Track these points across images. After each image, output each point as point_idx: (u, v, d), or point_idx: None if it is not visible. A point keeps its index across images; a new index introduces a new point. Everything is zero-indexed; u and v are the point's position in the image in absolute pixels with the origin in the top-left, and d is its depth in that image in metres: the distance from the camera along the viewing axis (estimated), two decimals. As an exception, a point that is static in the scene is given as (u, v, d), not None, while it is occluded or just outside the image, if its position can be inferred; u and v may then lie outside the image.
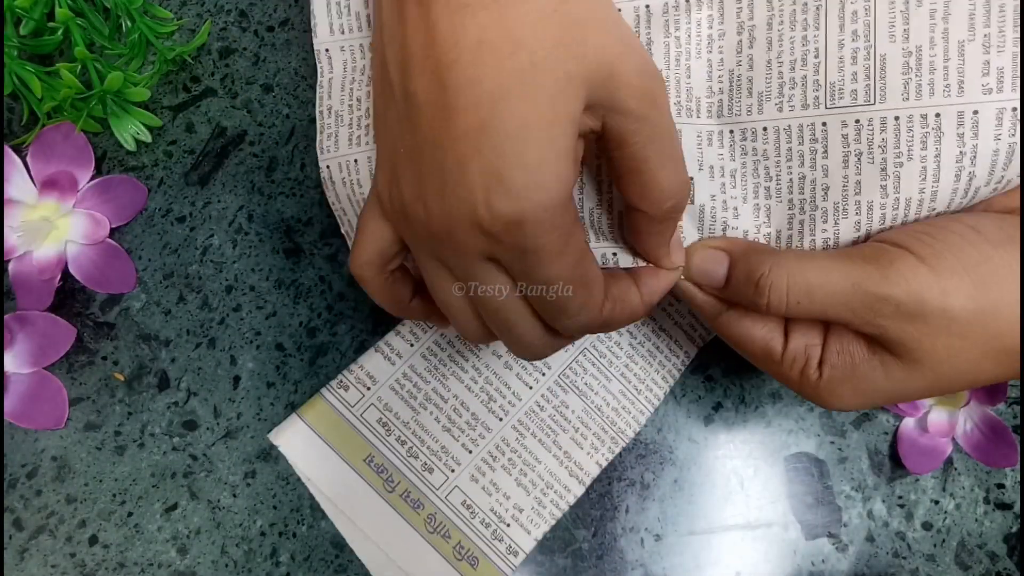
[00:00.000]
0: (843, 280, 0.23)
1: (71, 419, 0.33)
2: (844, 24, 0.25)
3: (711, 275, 0.26)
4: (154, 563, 0.32)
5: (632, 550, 0.33)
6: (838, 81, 0.25)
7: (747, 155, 0.26)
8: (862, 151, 0.25)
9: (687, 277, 0.26)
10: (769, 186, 0.26)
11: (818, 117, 0.25)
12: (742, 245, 0.26)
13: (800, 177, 0.26)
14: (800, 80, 0.25)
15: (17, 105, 0.34)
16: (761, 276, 0.24)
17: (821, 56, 0.25)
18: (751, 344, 0.26)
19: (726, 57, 0.26)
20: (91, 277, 0.33)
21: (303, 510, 0.32)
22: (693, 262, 0.26)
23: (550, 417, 0.32)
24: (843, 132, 0.25)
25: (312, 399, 0.32)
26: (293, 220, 0.34)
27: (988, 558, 0.33)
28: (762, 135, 0.26)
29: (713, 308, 0.27)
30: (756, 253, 0.25)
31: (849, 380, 0.24)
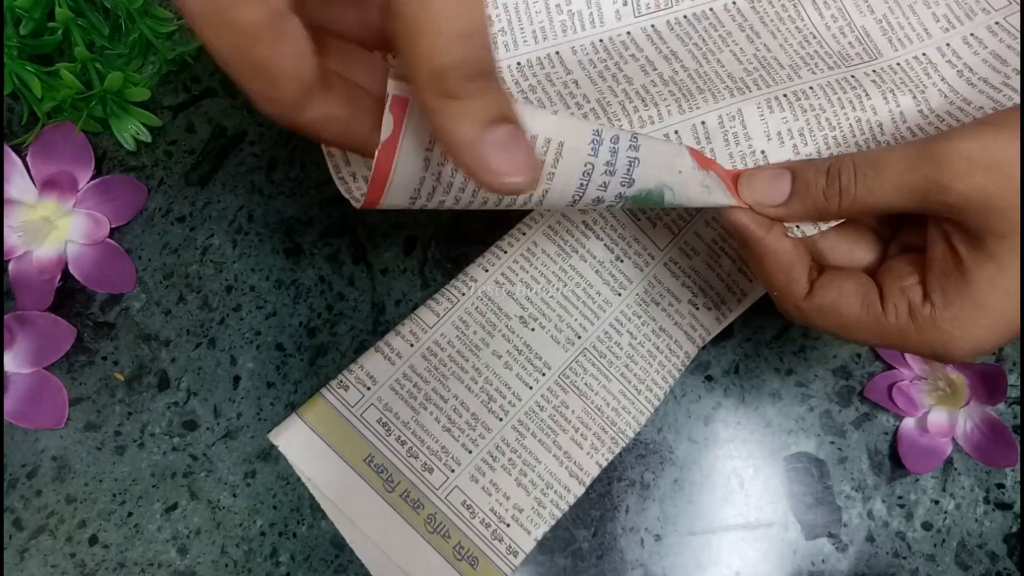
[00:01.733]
0: (906, 153, 0.23)
1: (71, 419, 0.33)
2: (821, 12, 0.32)
3: (776, 191, 0.25)
4: (154, 563, 0.32)
5: (632, 550, 0.33)
6: (842, 49, 0.31)
7: (807, 112, 0.29)
8: (893, 87, 0.30)
9: (750, 202, 0.25)
10: (835, 135, 0.28)
11: (846, 72, 0.30)
12: (797, 161, 0.27)
13: (856, 120, 0.29)
14: (813, 54, 0.31)
15: (17, 105, 0.34)
16: (831, 164, 0.24)
17: (818, 36, 0.31)
18: (849, 307, 0.24)
19: (743, 47, 0.31)
20: (91, 277, 0.33)
21: (303, 510, 0.32)
22: (755, 183, 0.25)
23: (550, 417, 0.32)
24: (872, 79, 0.30)
25: (312, 399, 0.32)
26: (293, 220, 0.34)
27: (988, 558, 0.33)
28: (811, 93, 0.29)
29: (804, 286, 0.25)
30: (814, 160, 0.26)
31: (970, 301, 0.22)
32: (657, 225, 0.34)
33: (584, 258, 0.33)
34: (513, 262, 0.33)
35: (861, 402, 0.34)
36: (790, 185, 0.25)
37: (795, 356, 0.35)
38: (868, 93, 0.29)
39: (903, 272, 0.24)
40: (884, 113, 0.29)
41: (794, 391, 0.34)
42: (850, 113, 0.29)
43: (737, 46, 0.31)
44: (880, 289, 0.24)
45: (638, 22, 0.31)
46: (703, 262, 0.34)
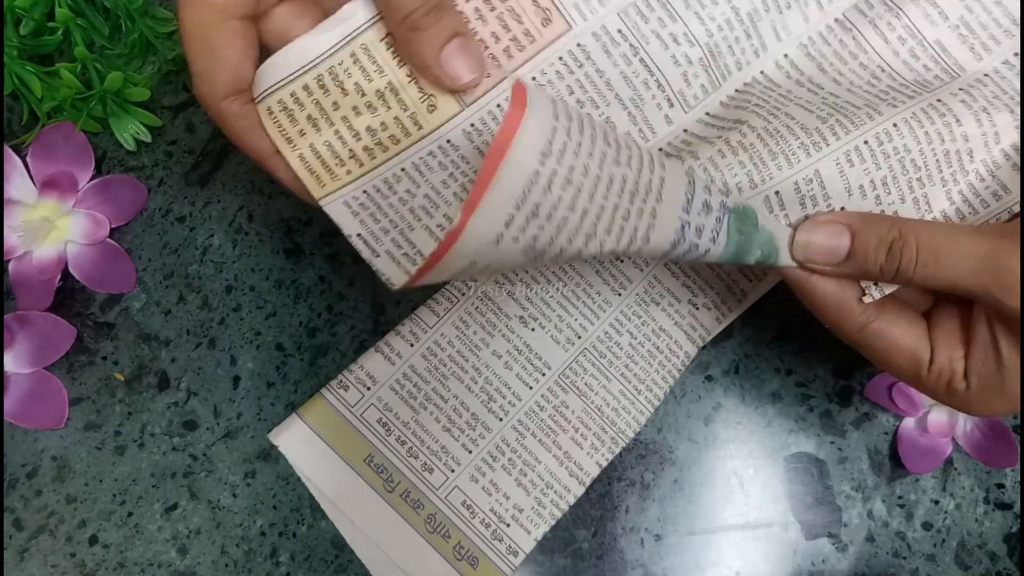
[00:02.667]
0: (974, 249, 0.23)
1: (71, 419, 0.33)
2: (886, 36, 0.28)
3: (835, 250, 0.25)
4: (154, 563, 0.32)
5: (632, 550, 0.33)
6: (918, 76, 0.28)
7: (890, 157, 0.27)
8: (986, 104, 0.27)
9: (806, 259, 0.25)
10: (919, 175, 0.27)
11: (930, 97, 0.27)
12: (858, 214, 0.26)
13: (945, 153, 0.26)
14: (888, 89, 0.28)
15: (17, 105, 0.34)
16: (894, 238, 0.24)
17: (887, 68, 0.28)
18: (897, 356, 0.25)
19: (809, 99, 0.28)
20: (91, 277, 0.33)
21: (303, 510, 0.32)
22: (814, 238, 0.25)
23: (550, 417, 0.32)
24: (961, 99, 0.27)
25: (312, 399, 0.32)
26: (293, 220, 0.34)
27: (988, 558, 0.33)
28: (896, 132, 0.27)
29: (858, 319, 0.25)
30: (877, 218, 0.25)
31: (996, 389, 0.24)
32: (657, 225, 0.34)
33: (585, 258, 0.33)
34: (513, 262, 0.33)
35: (861, 402, 0.34)
36: (848, 245, 0.25)
37: (795, 356, 0.35)
38: (960, 118, 0.26)
39: (953, 342, 0.25)
40: (977, 138, 0.26)
41: (794, 391, 0.34)
42: (938, 147, 0.26)
43: (802, 99, 0.28)
44: (932, 349, 0.25)
45: (691, 116, 0.29)
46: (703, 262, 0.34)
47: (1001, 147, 0.26)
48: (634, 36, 0.27)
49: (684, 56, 0.28)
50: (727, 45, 0.28)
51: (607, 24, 0.27)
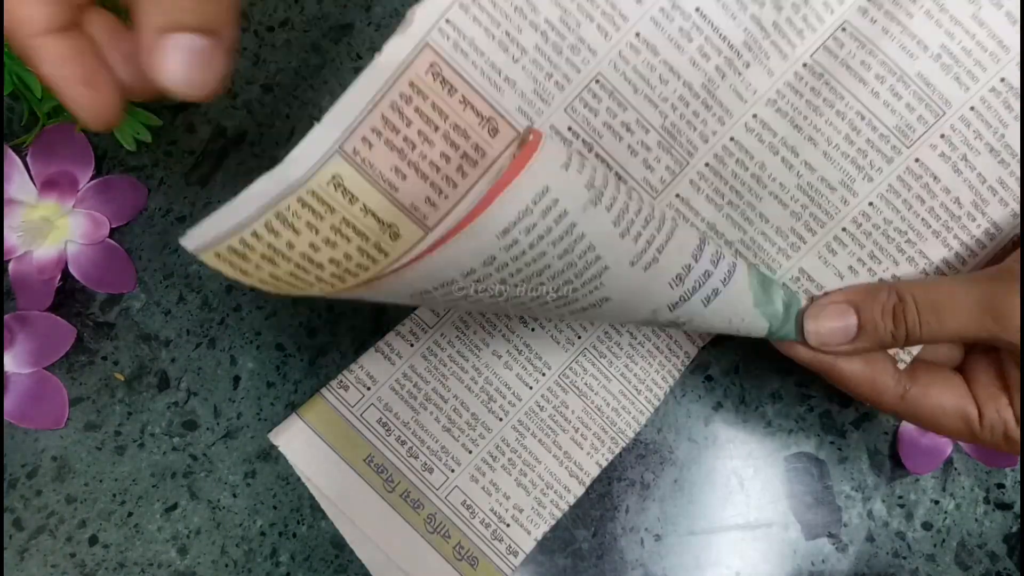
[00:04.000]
0: (970, 298, 0.24)
1: (71, 419, 0.33)
2: (863, 77, 0.26)
3: (845, 331, 0.25)
4: (154, 563, 0.32)
5: (632, 550, 0.33)
6: (899, 121, 0.26)
7: (872, 234, 0.27)
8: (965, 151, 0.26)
9: (820, 344, 0.26)
10: (908, 237, 0.27)
11: (908, 156, 0.26)
12: (853, 289, 0.26)
13: (929, 210, 0.27)
14: (866, 146, 0.26)
15: (17, 105, 0.34)
16: (895, 305, 0.24)
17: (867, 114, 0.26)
18: (946, 417, 0.26)
19: (783, 179, 0.27)
20: (91, 277, 0.33)
21: (303, 510, 0.32)
22: (823, 325, 0.25)
23: (550, 417, 0.32)
24: (940, 152, 0.26)
25: (312, 399, 0.32)
26: (293, 220, 0.34)
27: (988, 558, 0.33)
28: (873, 211, 0.27)
29: (895, 390, 0.26)
30: (876, 288, 0.25)
31: None
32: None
33: (584, 258, 0.33)
34: (513, 262, 0.33)
35: (861, 402, 0.34)
36: (856, 322, 0.25)
37: (795, 356, 0.35)
38: (937, 175, 0.26)
39: (994, 390, 0.26)
40: (959, 186, 0.26)
41: (794, 391, 0.34)
42: (920, 208, 0.26)
43: (775, 182, 0.27)
44: (977, 404, 0.26)
45: (660, 201, 0.27)
46: None
47: (988, 185, 0.26)
48: (585, 132, 0.26)
49: (640, 143, 0.26)
50: (686, 122, 0.26)
51: (555, 123, 0.25)
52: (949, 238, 0.27)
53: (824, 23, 0.25)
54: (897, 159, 0.26)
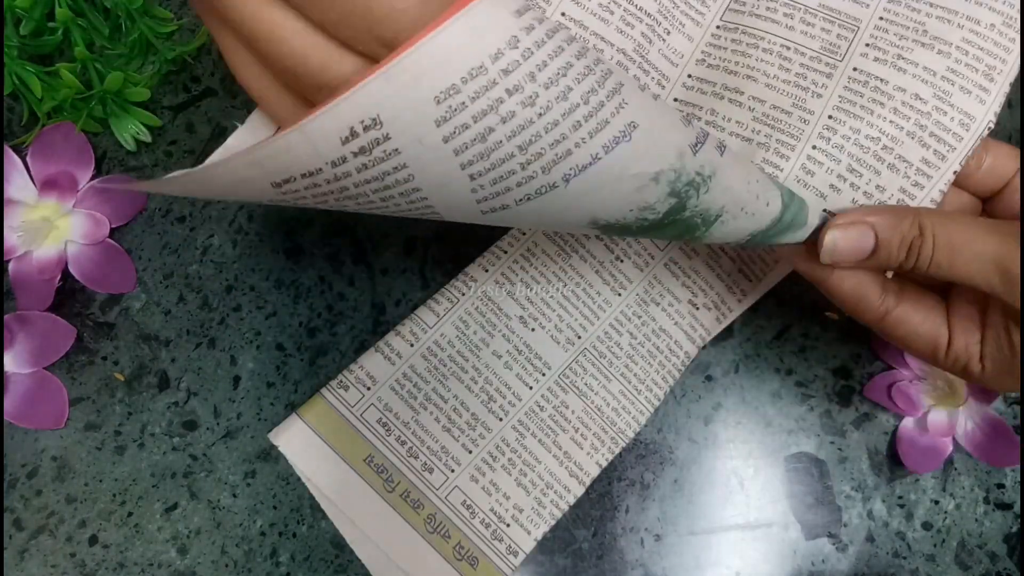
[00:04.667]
0: (986, 249, 0.24)
1: (71, 419, 0.33)
2: (774, 17, 0.28)
3: (860, 251, 0.25)
4: (154, 563, 0.32)
5: (632, 550, 0.33)
6: (823, 43, 0.28)
7: (843, 147, 0.27)
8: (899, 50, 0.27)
9: (833, 260, 0.26)
10: (884, 142, 0.27)
11: (845, 68, 0.28)
12: (880, 210, 0.26)
13: (893, 110, 0.27)
14: (802, 70, 0.28)
15: (17, 105, 0.34)
16: (915, 237, 0.25)
17: (791, 44, 0.28)
18: (917, 341, 0.27)
19: (739, 118, 0.28)
20: (91, 277, 0.33)
21: (303, 510, 0.32)
22: (840, 242, 0.25)
23: (550, 417, 0.32)
24: (875, 57, 0.28)
25: (312, 399, 0.32)
26: (293, 220, 0.34)
27: (988, 558, 0.33)
28: (836, 124, 0.27)
29: (878, 310, 0.26)
30: (900, 214, 0.25)
31: (1009, 371, 0.26)
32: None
33: (584, 258, 0.33)
34: (513, 262, 0.33)
35: (861, 402, 0.34)
36: (873, 244, 0.25)
37: (795, 356, 0.35)
38: (884, 78, 0.27)
39: (970, 324, 0.26)
40: (912, 83, 0.27)
41: (794, 391, 0.34)
42: (882, 111, 0.27)
43: (731, 121, 0.28)
44: (950, 334, 0.27)
45: None
46: (703, 262, 0.34)
47: (940, 75, 0.27)
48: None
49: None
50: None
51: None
52: (925, 136, 0.27)
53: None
54: (835, 73, 0.28)
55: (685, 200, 0.22)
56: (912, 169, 0.27)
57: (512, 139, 0.18)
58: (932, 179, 0.27)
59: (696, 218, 0.23)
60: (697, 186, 0.22)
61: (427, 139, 0.18)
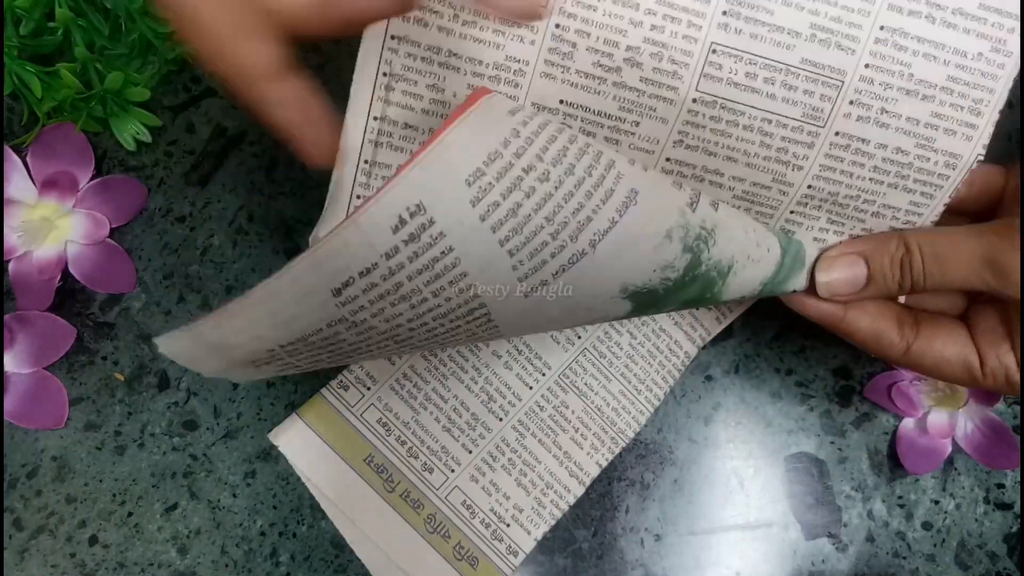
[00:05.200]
0: (973, 251, 0.24)
1: (71, 419, 0.33)
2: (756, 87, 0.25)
3: (855, 281, 0.26)
4: (154, 563, 0.32)
5: (632, 550, 0.33)
6: (806, 109, 0.26)
7: (822, 207, 0.27)
8: (883, 104, 0.26)
9: (831, 295, 0.27)
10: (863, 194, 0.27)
11: (827, 135, 0.26)
12: (864, 239, 0.27)
13: (873, 168, 0.27)
14: (784, 143, 0.26)
15: (17, 105, 0.34)
16: (903, 256, 0.25)
17: (773, 117, 0.26)
18: (948, 367, 0.27)
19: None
20: (91, 277, 0.33)
21: (303, 510, 0.32)
22: (834, 275, 0.26)
23: (550, 417, 0.32)
24: (857, 116, 0.26)
25: (312, 399, 0.32)
26: (293, 220, 0.34)
27: (988, 558, 0.33)
28: (814, 193, 0.27)
29: (899, 344, 0.27)
30: (885, 238, 0.26)
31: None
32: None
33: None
34: (513, 262, 0.33)
35: (861, 402, 0.34)
36: (866, 272, 0.26)
37: (795, 356, 0.35)
38: (865, 138, 0.26)
39: (996, 336, 0.26)
40: (896, 136, 0.26)
41: (794, 391, 0.34)
42: (861, 172, 0.26)
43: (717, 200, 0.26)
44: (979, 352, 0.26)
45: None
46: None
47: (924, 123, 0.26)
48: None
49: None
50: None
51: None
52: (908, 183, 0.27)
53: (692, 55, 0.25)
54: (817, 141, 0.26)
55: (699, 254, 0.23)
56: (900, 212, 0.27)
57: (538, 211, 0.20)
58: (922, 216, 0.27)
59: (712, 272, 0.24)
60: (705, 239, 0.24)
61: (466, 220, 0.19)
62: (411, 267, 0.20)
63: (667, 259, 0.23)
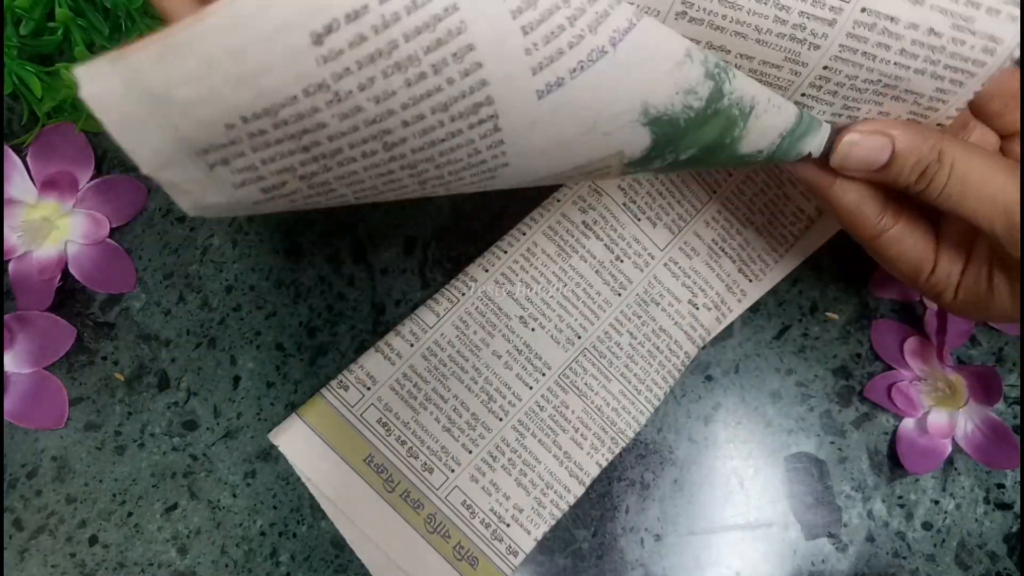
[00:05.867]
0: (1001, 192, 0.23)
1: (71, 419, 0.33)
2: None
3: (873, 162, 0.25)
4: (154, 563, 0.32)
5: (632, 550, 0.33)
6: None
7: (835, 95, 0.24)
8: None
9: (841, 166, 0.25)
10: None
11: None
12: (903, 124, 0.25)
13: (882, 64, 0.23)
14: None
15: (17, 105, 0.34)
16: (931, 162, 0.24)
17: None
18: (903, 263, 0.27)
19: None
20: (91, 277, 0.33)
21: (303, 510, 0.32)
22: (856, 150, 0.24)
23: (550, 417, 0.32)
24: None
25: (312, 399, 0.32)
26: (293, 220, 0.34)
27: (988, 558, 0.33)
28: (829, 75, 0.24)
29: (874, 227, 0.26)
30: (922, 135, 0.24)
31: (981, 307, 0.26)
32: (657, 225, 0.34)
33: (584, 258, 0.33)
34: (513, 262, 0.33)
35: (861, 402, 0.34)
36: (887, 158, 0.25)
37: (795, 356, 0.35)
38: (895, 16, 0.22)
39: (956, 255, 0.27)
40: (927, 15, 0.22)
41: (794, 391, 0.34)
42: (886, 54, 0.23)
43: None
44: (935, 260, 0.27)
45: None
46: (703, 262, 0.34)
47: (964, 2, 0.22)
48: None
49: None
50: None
51: None
52: (939, 69, 0.23)
53: None
54: (840, 18, 0.22)
55: (720, 84, 0.22)
56: (924, 98, 0.24)
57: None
58: (947, 103, 0.24)
59: (734, 108, 0.22)
60: (725, 68, 0.22)
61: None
62: (408, 21, 0.16)
63: (689, 82, 0.21)
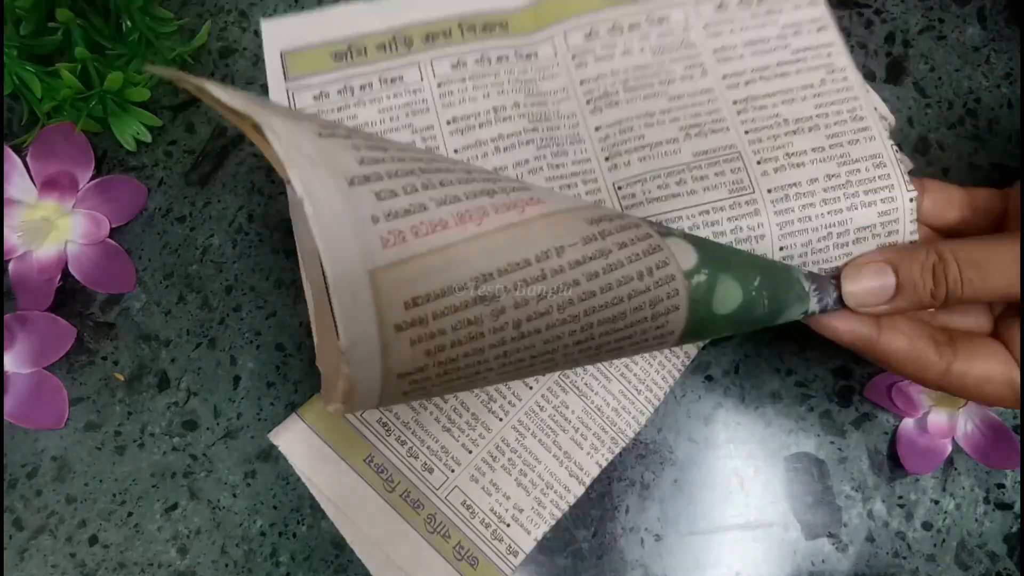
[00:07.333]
0: (1013, 254, 0.23)
1: (71, 419, 0.33)
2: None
3: (883, 289, 0.25)
4: (154, 563, 0.32)
5: (632, 550, 0.33)
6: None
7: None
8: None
9: (858, 305, 0.25)
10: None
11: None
12: (891, 248, 0.26)
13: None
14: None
15: (17, 105, 0.34)
16: (934, 262, 0.24)
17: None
18: (993, 387, 0.25)
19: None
20: (91, 277, 0.33)
21: (303, 510, 0.32)
22: (860, 284, 0.25)
23: (550, 417, 0.32)
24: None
25: (312, 399, 0.32)
26: (293, 220, 0.34)
27: (988, 558, 0.33)
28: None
29: (938, 364, 0.25)
30: (910, 248, 0.25)
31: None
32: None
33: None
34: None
35: (861, 402, 0.34)
36: (895, 281, 0.25)
37: (795, 356, 0.35)
38: (792, 182, 0.27)
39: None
40: (814, 169, 0.27)
41: (794, 391, 0.34)
42: (815, 211, 0.27)
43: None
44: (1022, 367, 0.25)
45: None
46: None
47: (829, 145, 0.27)
48: None
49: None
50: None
51: None
52: (861, 197, 0.27)
53: (604, 200, 0.28)
54: (759, 205, 0.27)
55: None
56: (878, 227, 0.27)
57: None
58: (898, 232, 0.27)
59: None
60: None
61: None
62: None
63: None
